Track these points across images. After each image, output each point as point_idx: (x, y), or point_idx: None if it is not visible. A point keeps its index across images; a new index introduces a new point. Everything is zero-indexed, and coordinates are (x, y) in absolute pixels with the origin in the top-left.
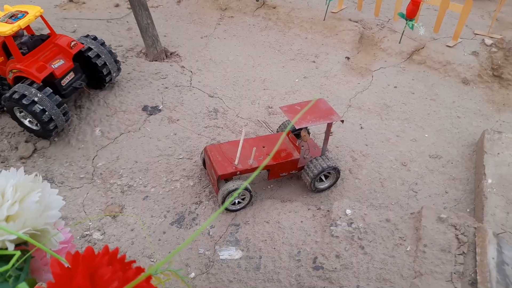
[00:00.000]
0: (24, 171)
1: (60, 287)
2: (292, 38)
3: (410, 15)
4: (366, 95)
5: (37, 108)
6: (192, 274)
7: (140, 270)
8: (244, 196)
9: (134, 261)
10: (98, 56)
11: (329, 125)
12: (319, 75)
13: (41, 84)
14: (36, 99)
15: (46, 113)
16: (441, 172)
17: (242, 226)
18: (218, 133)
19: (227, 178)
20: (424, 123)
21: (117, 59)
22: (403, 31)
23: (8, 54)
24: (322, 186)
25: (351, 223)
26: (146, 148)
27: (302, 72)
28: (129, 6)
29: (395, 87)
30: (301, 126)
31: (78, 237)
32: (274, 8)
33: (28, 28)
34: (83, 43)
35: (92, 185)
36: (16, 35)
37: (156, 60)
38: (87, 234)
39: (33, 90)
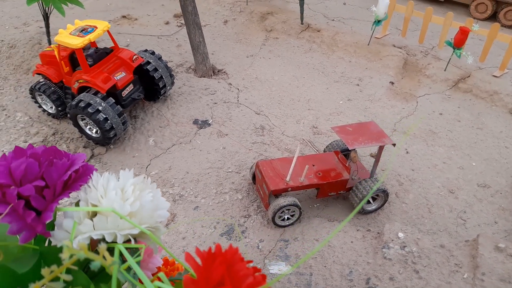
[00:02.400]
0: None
1: (200, 280)
2: (336, 61)
3: (458, 44)
4: (411, 120)
5: (101, 116)
6: None
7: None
8: (294, 213)
9: (251, 261)
10: (155, 69)
11: (381, 148)
12: (363, 98)
13: (105, 94)
14: (100, 108)
15: (108, 121)
16: (490, 201)
17: (291, 242)
18: (265, 150)
19: (278, 193)
20: (471, 152)
21: (172, 73)
22: (450, 59)
23: (73, 65)
24: (369, 208)
25: (404, 246)
26: (197, 160)
27: (346, 95)
28: (178, 24)
29: (441, 114)
30: (354, 147)
31: None
32: (319, 31)
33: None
34: (142, 57)
35: None
36: (84, 48)
37: (204, 77)
38: None
39: (98, 100)
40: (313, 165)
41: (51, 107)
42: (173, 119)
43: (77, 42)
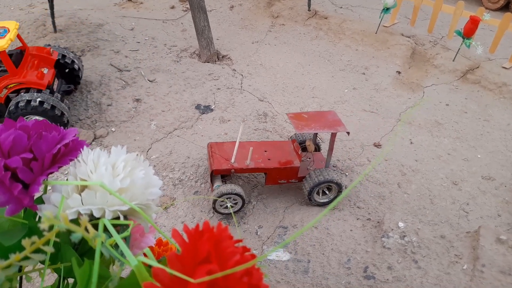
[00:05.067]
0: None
1: (186, 256)
2: (343, 49)
3: (468, 34)
4: (416, 110)
5: (47, 105)
6: None
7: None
8: (236, 201)
9: (241, 240)
10: (73, 61)
11: (333, 136)
12: (368, 87)
13: (45, 90)
14: (42, 99)
15: (57, 108)
16: (494, 194)
17: (290, 229)
18: (267, 137)
19: (222, 174)
20: (476, 143)
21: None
22: (459, 49)
23: None
24: (321, 200)
25: (404, 236)
26: (199, 145)
27: (352, 83)
28: (184, 9)
29: (447, 105)
30: (303, 132)
31: None
32: (326, 18)
33: None
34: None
35: None
36: None
37: (209, 62)
38: None
39: (35, 94)
40: (265, 151)
41: None
42: (176, 104)
43: (2, 43)
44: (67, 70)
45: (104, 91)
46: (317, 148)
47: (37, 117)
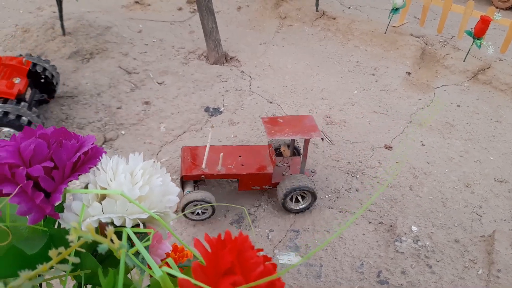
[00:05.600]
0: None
1: (209, 267)
2: (351, 50)
3: (479, 34)
4: (427, 111)
5: (24, 120)
6: None
7: (273, 264)
8: (205, 211)
9: (262, 250)
10: (44, 69)
11: (306, 141)
12: (378, 88)
13: (15, 100)
14: (19, 113)
15: (33, 124)
16: (507, 197)
17: (302, 233)
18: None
19: (194, 180)
20: (489, 145)
21: (56, 68)
22: (469, 49)
23: None
24: (296, 207)
25: (417, 240)
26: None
27: (361, 84)
28: (191, 10)
29: (458, 106)
30: (274, 138)
31: None
32: (334, 19)
33: None
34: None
35: None
36: None
37: (217, 64)
38: None
39: (11, 106)
40: (240, 156)
41: None
42: (185, 106)
43: None
44: (42, 80)
45: (114, 94)
46: (297, 153)
47: (4, 128)
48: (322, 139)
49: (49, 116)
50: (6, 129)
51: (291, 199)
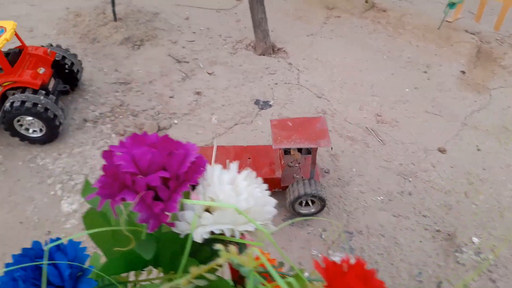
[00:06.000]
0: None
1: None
2: (402, 45)
3: None
4: (483, 114)
5: (41, 108)
6: (306, 274)
7: None
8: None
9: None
10: (72, 63)
11: (314, 150)
12: (431, 87)
13: (42, 91)
14: (36, 101)
15: (50, 110)
16: None
17: (356, 235)
18: None
19: None
20: None
21: (80, 62)
22: None
23: None
24: (304, 211)
25: (479, 252)
26: (259, 142)
27: (413, 82)
28: None
29: None
30: (280, 147)
31: None
32: (384, 11)
33: None
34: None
35: None
36: None
37: (264, 55)
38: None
39: (31, 95)
40: (249, 158)
41: None
42: (236, 98)
43: None
44: (66, 71)
45: (166, 83)
46: (310, 151)
47: (29, 118)
48: (332, 148)
49: (104, 102)
50: (29, 118)
51: (300, 204)
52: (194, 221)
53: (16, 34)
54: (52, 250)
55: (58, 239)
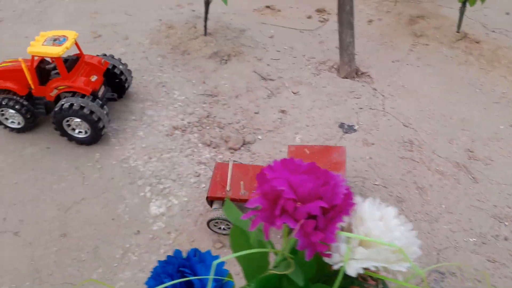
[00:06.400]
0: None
1: None
2: (496, 79)
3: None
4: None
5: (87, 110)
6: None
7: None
8: (229, 226)
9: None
10: (121, 72)
11: None
12: None
13: (90, 96)
14: (84, 104)
15: (94, 114)
16: None
17: (448, 277)
18: (414, 167)
19: (217, 200)
20: None
21: (131, 74)
22: None
23: (41, 77)
24: None
25: None
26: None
27: (508, 119)
28: (321, 20)
29: None
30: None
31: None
32: (477, 43)
33: None
34: (107, 61)
35: None
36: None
37: (347, 78)
38: None
39: (80, 99)
40: None
41: (18, 123)
42: (319, 120)
43: (58, 50)
44: (117, 80)
45: (251, 98)
46: None
47: (77, 119)
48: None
49: (192, 112)
50: (77, 120)
51: None
52: (347, 254)
53: (76, 43)
54: (193, 261)
55: (196, 250)
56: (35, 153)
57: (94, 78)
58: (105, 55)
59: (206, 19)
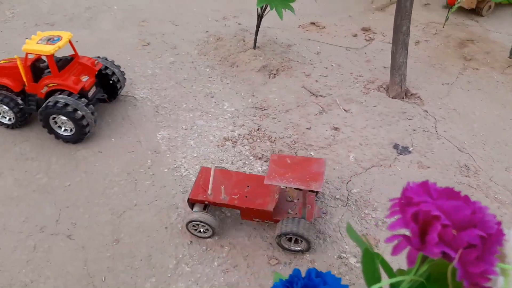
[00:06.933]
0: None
1: None
2: None
3: None
4: None
5: (78, 114)
6: None
7: None
8: (207, 228)
9: None
10: (113, 73)
11: (304, 192)
12: None
13: (78, 94)
14: (77, 107)
15: (85, 119)
16: None
17: None
18: (471, 194)
19: (198, 203)
20: None
21: (125, 76)
22: None
23: (35, 75)
24: (290, 248)
25: None
26: (399, 188)
27: None
28: (367, 38)
29: None
30: (271, 183)
31: (335, 257)
32: None
33: None
34: (101, 63)
35: (346, 209)
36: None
37: (396, 98)
38: (343, 256)
39: (74, 100)
40: (248, 186)
41: (9, 119)
42: (373, 139)
43: (49, 48)
44: (111, 82)
45: (302, 114)
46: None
47: (64, 117)
48: (317, 192)
49: (242, 124)
50: (64, 118)
51: (290, 240)
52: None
53: (71, 43)
54: (316, 282)
55: (317, 271)
56: (87, 156)
57: (85, 78)
58: (98, 57)
59: (257, 32)
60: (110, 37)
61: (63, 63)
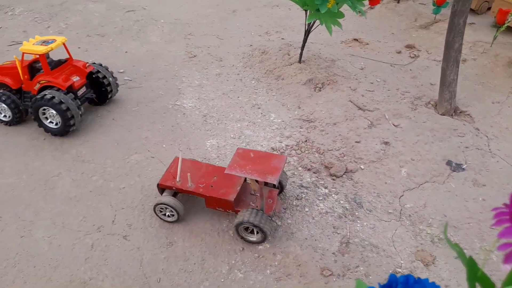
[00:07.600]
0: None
1: None
2: None
3: None
4: None
5: (63, 107)
6: None
7: None
8: (173, 213)
9: None
10: (104, 77)
11: (260, 183)
12: None
13: (66, 91)
14: (63, 100)
15: (69, 111)
16: None
17: None
18: None
19: (167, 189)
20: None
21: (117, 82)
22: None
23: (31, 74)
24: (247, 238)
25: None
26: (454, 205)
27: None
28: (411, 55)
29: None
30: (230, 173)
31: (390, 271)
32: None
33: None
34: (93, 66)
35: (400, 224)
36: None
37: (445, 115)
38: (398, 272)
39: (61, 94)
40: (215, 177)
41: (4, 116)
42: (426, 155)
43: (41, 49)
44: (102, 84)
45: (351, 127)
46: (278, 186)
47: (53, 111)
48: (274, 185)
49: (289, 135)
50: (53, 111)
51: (247, 229)
52: None
53: (65, 46)
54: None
55: (414, 278)
56: (140, 160)
57: (76, 78)
58: (94, 63)
59: (303, 47)
60: (158, 49)
61: (56, 64)
